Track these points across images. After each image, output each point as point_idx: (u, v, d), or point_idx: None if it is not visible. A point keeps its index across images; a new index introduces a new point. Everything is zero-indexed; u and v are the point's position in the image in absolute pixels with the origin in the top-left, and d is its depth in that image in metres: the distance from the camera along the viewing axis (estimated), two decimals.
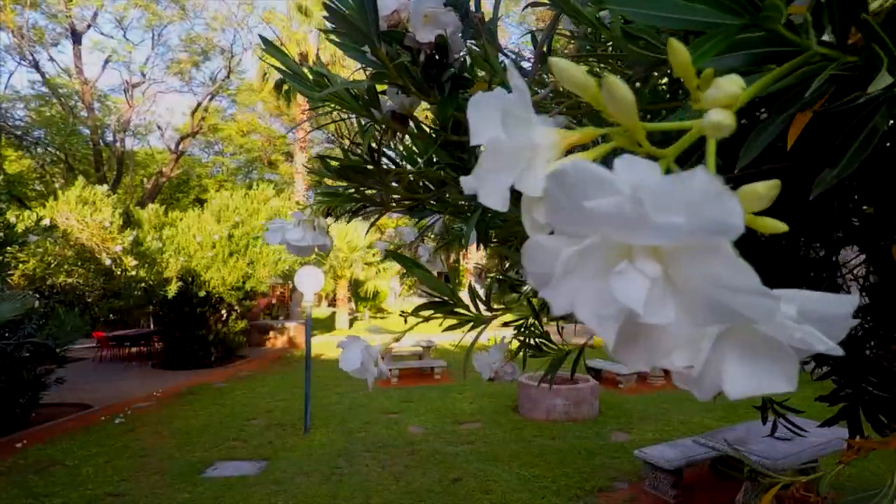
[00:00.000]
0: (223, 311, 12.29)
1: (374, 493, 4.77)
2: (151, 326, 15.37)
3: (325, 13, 0.91)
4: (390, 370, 9.61)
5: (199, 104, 18.34)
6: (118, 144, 17.92)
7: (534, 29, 1.30)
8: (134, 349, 13.52)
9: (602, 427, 6.78)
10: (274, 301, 21.28)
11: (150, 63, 18.27)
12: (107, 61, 17.34)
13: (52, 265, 6.81)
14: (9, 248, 4.39)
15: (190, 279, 10.10)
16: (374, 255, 21.95)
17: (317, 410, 7.75)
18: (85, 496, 4.82)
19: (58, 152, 15.96)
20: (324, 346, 15.89)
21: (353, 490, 4.84)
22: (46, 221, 6.75)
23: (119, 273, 7.65)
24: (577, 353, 1.38)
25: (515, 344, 1.40)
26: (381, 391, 9.31)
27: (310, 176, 23.67)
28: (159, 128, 19.91)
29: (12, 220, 5.37)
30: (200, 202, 24.28)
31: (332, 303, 33.03)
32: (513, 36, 20.18)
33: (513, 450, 5.93)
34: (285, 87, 20.32)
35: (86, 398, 8.74)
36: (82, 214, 7.03)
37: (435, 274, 1.29)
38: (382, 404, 8.25)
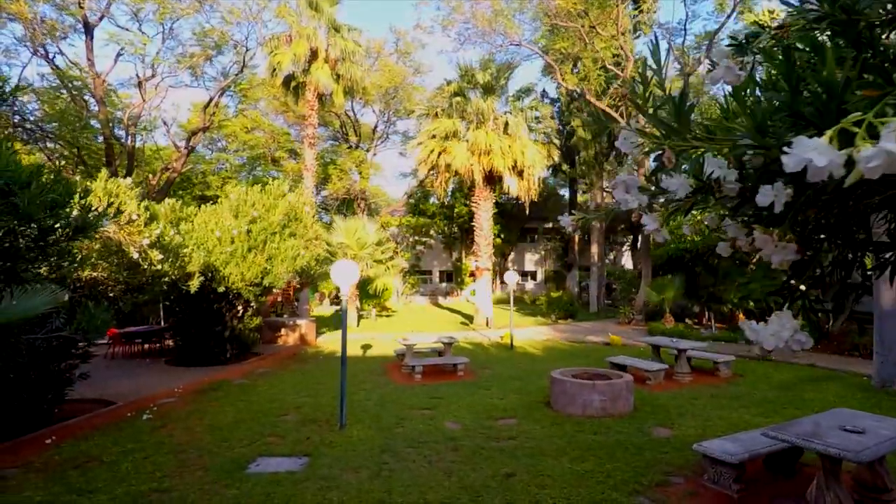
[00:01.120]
0: (239, 307, 12.14)
1: (428, 488, 4.67)
2: (162, 323, 15.18)
3: (334, 7, 0.84)
4: (414, 367, 9.56)
5: (210, 99, 18.11)
6: (129, 139, 17.67)
7: None
8: (146, 346, 13.36)
9: (642, 423, 6.70)
10: (280, 299, 21.10)
11: (161, 56, 18.04)
12: (119, 54, 17.09)
13: (78, 258, 6.65)
14: (84, 234, 4.21)
15: (209, 274, 9.95)
16: (382, 252, 21.85)
17: (347, 407, 7.63)
18: (130, 492, 4.69)
19: (69, 146, 15.70)
20: (336, 344, 15.77)
21: (406, 486, 4.73)
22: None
23: (146, 267, 7.49)
24: None
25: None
26: (406, 388, 9.21)
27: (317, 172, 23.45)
28: (165, 123, 19.67)
29: (93, 202, 5.01)
30: (204, 199, 24.05)
31: (336, 300, 32.96)
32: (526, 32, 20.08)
33: (558, 445, 5.84)
34: (293, 82, 20.18)
35: (105, 394, 8.59)
36: (112, 207, 6.87)
37: None
38: (412, 400, 8.15)
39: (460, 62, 20.41)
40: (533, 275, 39.14)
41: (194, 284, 9.00)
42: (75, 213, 4.32)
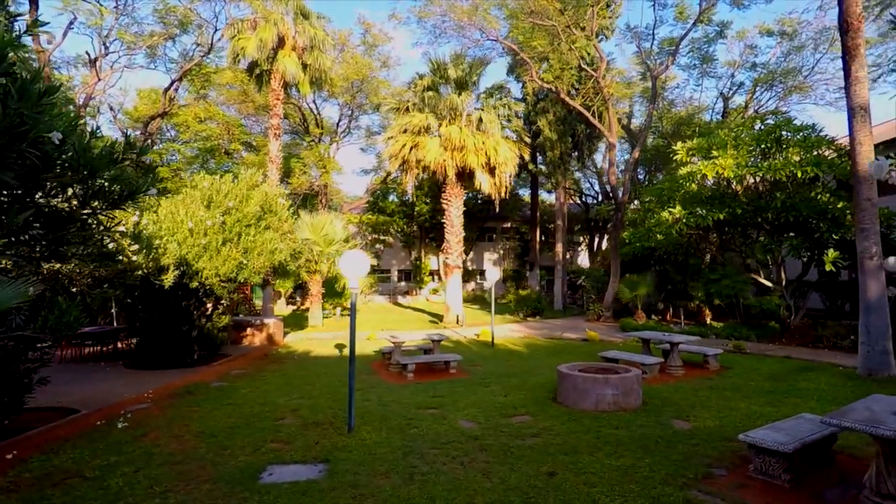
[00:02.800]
0: (209, 305, 11.27)
1: (472, 492, 4.32)
2: (114, 323, 13.92)
3: None
4: (406, 365, 9.15)
5: (172, 82, 16.79)
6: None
7: None
8: (100, 348, 12.16)
9: (658, 416, 6.63)
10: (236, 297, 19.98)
11: (119, 30, 16.46)
12: (70, 25, 15.46)
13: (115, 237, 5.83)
14: (131, 200, 3.50)
15: (182, 268, 9.12)
16: (350, 248, 21.12)
17: (346, 408, 7.14)
18: None
19: None
20: (307, 343, 15.05)
21: (448, 490, 4.36)
22: None
23: (120, 258, 6.69)
24: None
25: None
26: (401, 387, 8.79)
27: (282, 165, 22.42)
28: (111, 109, 18.07)
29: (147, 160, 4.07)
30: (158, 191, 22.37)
31: (292, 300, 31.74)
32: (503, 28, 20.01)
33: (586, 440, 5.64)
34: (257, 70, 19.16)
35: (63, 402, 7.67)
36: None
37: None
38: (413, 400, 7.75)
39: (432, 57, 19.98)
40: (485, 275, 39.41)
41: (169, 279, 8.20)
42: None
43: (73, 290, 7.26)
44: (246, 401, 7.74)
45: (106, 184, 3.39)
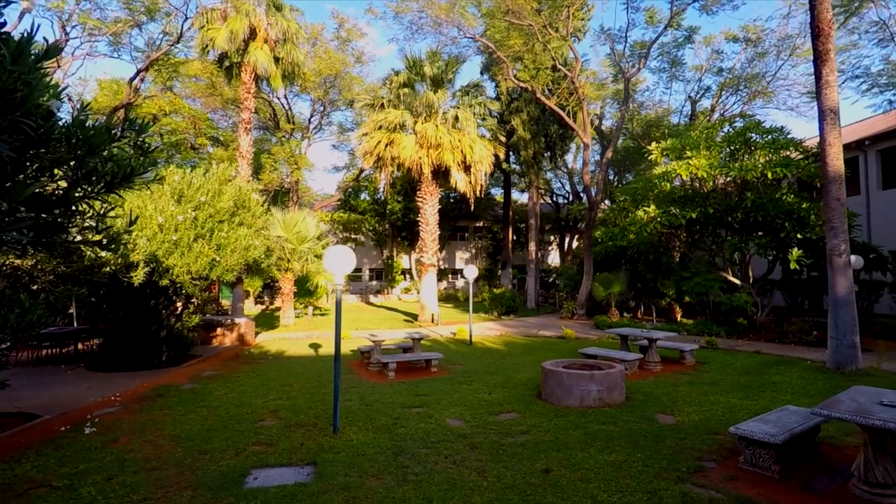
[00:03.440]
0: (178, 304, 10.82)
1: (469, 491, 4.22)
2: (74, 324, 13.22)
3: None
4: (387, 364, 8.99)
5: (138, 71, 16.03)
6: None
7: None
8: (57, 350, 11.52)
9: (643, 411, 6.68)
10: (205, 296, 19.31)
11: (75, 17, 15.60)
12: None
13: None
14: (128, 183, 3.17)
15: (152, 266, 8.69)
16: (322, 247, 20.72)
17: (328, 408, 6.95)
18: None
19: None
20: (280, 343, 14.65)
21: (444, 490, 4.25)
22: None
23: (88, 253, 6.29)
24: None
25: None
26: (383, 386, 8.62)
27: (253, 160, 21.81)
28: (70, 99, 17.15)
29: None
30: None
31: (260, 299, 30.97)
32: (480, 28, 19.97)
33: (576, 437, 5.62)
34: (227, 62, 18.57)
35: (22, 407, 7.23)
36: None
37: None
38: (397, 399, 7.60)
39: (408, 53, 19.78)
40: (463, 273, 39.46)
41: (139, 276, 7.79)
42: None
43: (34, 287, 6.82)
44: (221, 403, 7.43)
45: (99, 164, 3.11)
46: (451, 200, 35.25)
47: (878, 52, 34.72)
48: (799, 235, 12.86)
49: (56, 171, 2.83)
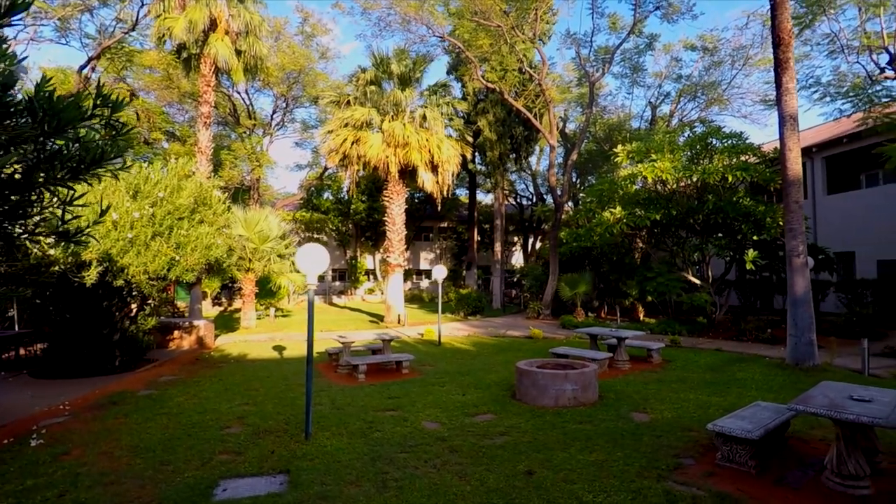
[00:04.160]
0: (133, 306, 10.23)
1: (453, 496, 4.10)
2: (16, 328, 12.29)
3: None
4: (357, 366, 8.75)
5: (89, 59, 15.07)
6: None
7: None
8: None
9: (617, 409, 6.73)
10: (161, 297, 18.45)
11: None
12: None
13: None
14: (98, 167, 2.81)
15: (106, 265, 8.16)
16: (286, 246, 20.14)
17: (298, 413, 6.68)
18: None
19: None
20: (242, 346, 14.10)
21: (427, 495, 4.11)
22: None
23: (34, 251, 5.81)
24: None
25: None
26: (353, 389, 8.39)
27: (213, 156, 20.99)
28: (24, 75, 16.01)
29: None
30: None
31: (218, 300, 29.86)
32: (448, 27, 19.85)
33: (555, 437, 5.59)
34: (185, 53, 17.77)
35: None
36: None
37: None
38: (369, 402, 7.39)
39: (375, 51, 19.50)
40: (428, 273, 39.50)
41: (91, 276, 7.28)
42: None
43: None
44: (182, 409, 7.03)
45: (66, 145, 2.79)
46: (417, 201, 35.06)
47: (829, 63, 36.88)
48: (755, 237, 13.39)
49: (12, 150, 2.50)
